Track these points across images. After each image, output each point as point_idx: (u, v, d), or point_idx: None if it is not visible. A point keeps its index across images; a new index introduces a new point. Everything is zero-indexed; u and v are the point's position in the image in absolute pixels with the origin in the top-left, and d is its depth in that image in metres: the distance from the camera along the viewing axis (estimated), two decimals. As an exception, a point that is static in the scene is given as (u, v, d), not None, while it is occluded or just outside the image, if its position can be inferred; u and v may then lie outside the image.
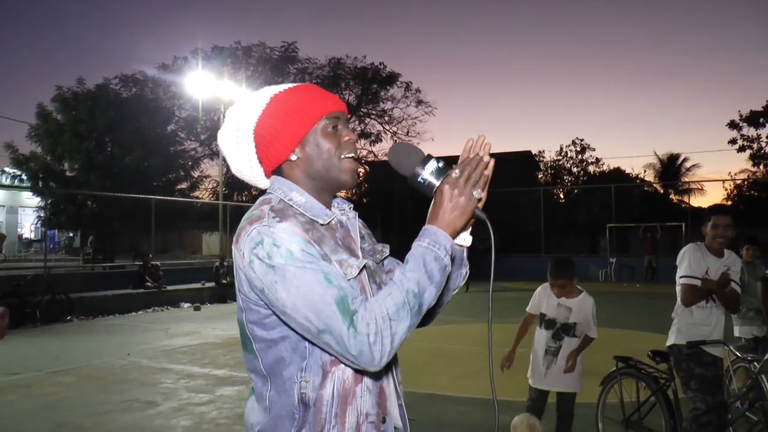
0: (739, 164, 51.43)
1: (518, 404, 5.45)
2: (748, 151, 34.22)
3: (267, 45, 34.12)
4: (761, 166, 34.43)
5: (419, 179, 1.68)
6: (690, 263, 4.75)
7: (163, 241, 39.74)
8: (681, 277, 4.76)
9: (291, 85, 1.82)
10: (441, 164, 1.68)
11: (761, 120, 33.44)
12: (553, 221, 30.57)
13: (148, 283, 17.75)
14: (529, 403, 5.12)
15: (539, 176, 41.50)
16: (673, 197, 38.31)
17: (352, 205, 1.93)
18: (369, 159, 35.87)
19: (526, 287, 9.09)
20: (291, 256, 1.54)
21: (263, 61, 33.78)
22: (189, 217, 30.95)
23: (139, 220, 23.68)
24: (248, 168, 1.83)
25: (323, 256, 1.59)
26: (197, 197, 31.64)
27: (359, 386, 1.68)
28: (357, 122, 36.68)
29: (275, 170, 1.81)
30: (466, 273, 1.90)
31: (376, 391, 1.72)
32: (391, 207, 33.39)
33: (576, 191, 38.28)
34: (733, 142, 34.49)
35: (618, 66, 79.69)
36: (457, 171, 1.65)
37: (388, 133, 37.12)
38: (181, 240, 44.78)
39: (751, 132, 34.08)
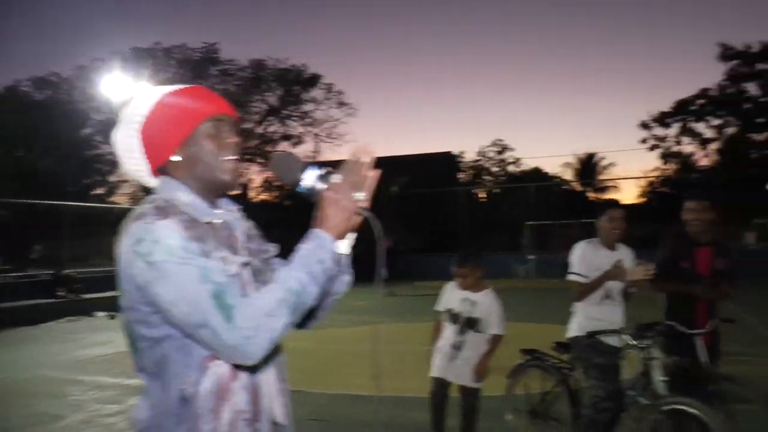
0: (652, 162, 54.03)
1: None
2: (659, 150, 35.53)
3: (188, 46, 33.53)
4: (670, 164, 35.79)
5: (302, 187, 1.75)
6: (579, 260, 4.93)
7: (81, 249, 38.45)
8: (568, 273, 4.95)
9: (179, 86, 1.84)
10: (322, 171, 1.75)
11: (669, 120, 34.78)
12: (474, 220, 31.05)
13: (60, 293, 17.12)
14: (431, 395, 5.16)
15: (460, 176, 42.07)
16: (591, 195, 39.46)
17: (239, 207, 1.96)
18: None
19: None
20: (170, 252, 1.57)
21: (184, 63, 33.16)
22: (107, 224, 30.07)
23: (54, 228, 22.87)
24: (137, 167, 1.85)
25: (203, 253, 1.62)
26: (114, 202, 30.78)
27: (235, 383, 1.71)
28: (279, 124, 36.39)
29: (162, 170, 1.83)
30: (349, 280, 1.96)
31: (252, 388, 1.75)
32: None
33: (497, 190, 39.02)
34: (644, 141, 35.76)
35: (536, 68, 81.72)
36: (338, 176, 1.72)
37: (310, 134, 36.98)
38: (99, 247, 43.47)
39: (660, 132, 35.40)
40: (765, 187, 29.10)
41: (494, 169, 42.89)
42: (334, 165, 1.77)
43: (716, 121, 33.99)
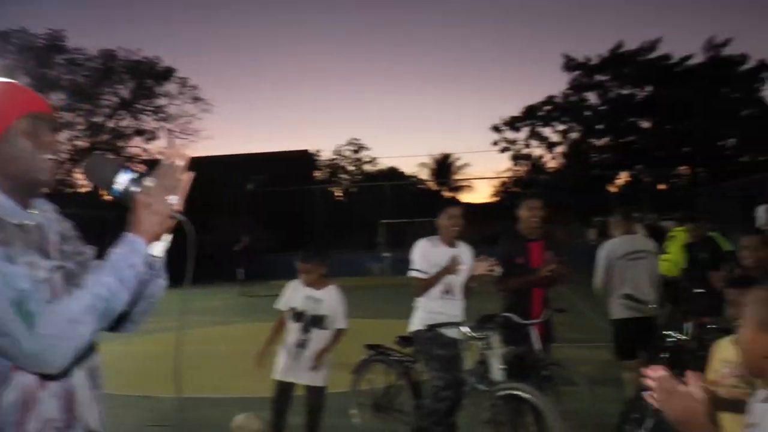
0: (504, 164, 56.68)
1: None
2: (510, 152, 37.27)
3: (29, 31, 31.31)
4: (520, 165, 37.62)
5: (114, 191, 1.70)
6: (419, 257, 5.08)
7: None
8: (409, 270, 5.07)
9: None
10: (135, 174, 1.71)
11: (518, 124, 36.56)
12: (331, 219, 31.19)
13: None
14: (274, 398, 5.08)
15: (317, 175, 42.13)
16: (446, 194, 40.69)
17: (54, 207, 1.89)
18: (144, 158, 34.24)
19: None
20: None
21: (25, 49, 30.91)
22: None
23: None
24: None
25: (7, 258, 1.54)
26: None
27: (43, 392, 1.64)
28: (131, 118, 34.86)
29: None
30: (164, 284, 1.91)
31: (63, 396, 1.69)
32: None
33: (353, 189, 39.39)
34: (495, 143, 37.37)
35: (395, 69, 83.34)
36: (151, 179, 1.68)
37: (164, 130, 35.66)
38: None
39: (511, 135, 37.13)
40: (605, 188, 31.18)
41: (350, 168, 43.31)
42: (149, 168, 1.73)
43: (561, 127, 36.09)
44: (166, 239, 1.76)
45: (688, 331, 4.50)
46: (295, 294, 5.12)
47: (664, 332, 4.41)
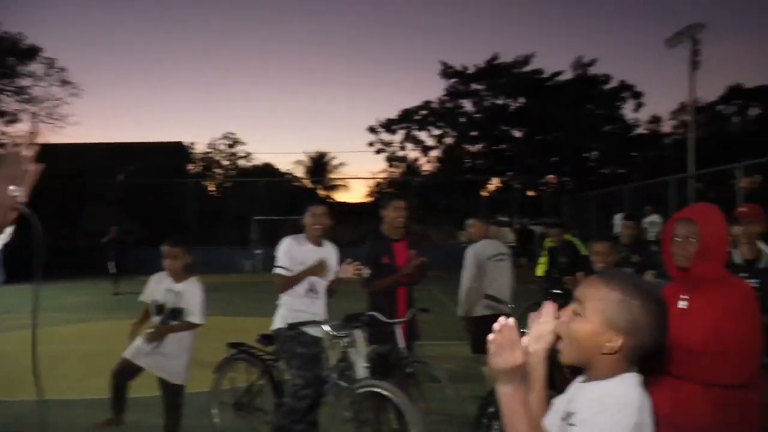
0: (380, 164, 57.17)
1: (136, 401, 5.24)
2: (385, 154, 37.76)
3: None
4: (396, 167, 38.16)
5: None
6: (284, 254, 5.01)
7: None
8: (274, 267, 5.00)
9: None
10: None
11: (395, 127, 37.11)
12: (203, 213, 30.44)
13: None
14: (116, 372, 4.91)
15: (191, 168, 41.02)
16: (321, 192, 40.67)
17: None
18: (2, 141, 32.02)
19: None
20: None
21: None
22: None
23: None
24: None
25: None
26: None
27: None
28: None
29: None
30: (1, 280, 1.78)
31: None
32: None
33: (227, 184, 38.66)
34: (371, 144, 37.75)
35: (273, 64, 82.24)
36: None
37: (27, 113, 33.49)
38: None
39: (387, 137, 37.62)
40: (478, 192, 32.12)
41: (225, 162, 42.44)
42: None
43: (436, 131, 36.91)
44: (7, 232, 1.65)
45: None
46: (157, 286, 4.98)
47: (521, 329, 4.55)
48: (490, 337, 1.62)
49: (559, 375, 4.30)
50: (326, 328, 4.81)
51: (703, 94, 36.25)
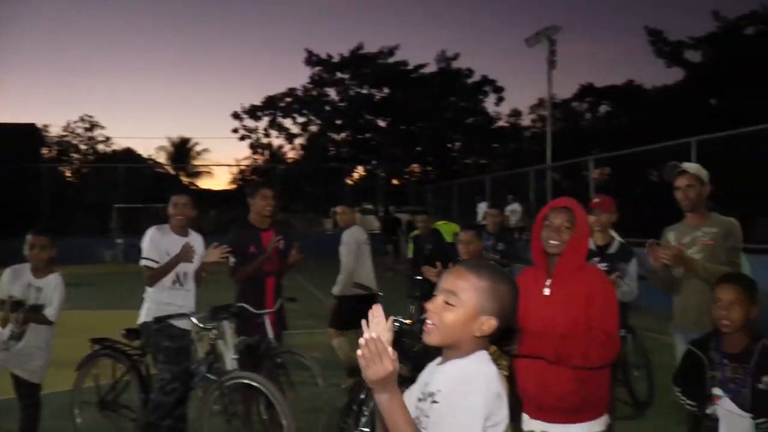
0: (245, 152, 55.90)
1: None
2: (249, 141, 37.14)
3: None
4: (260, 154, 37.67)
5: None
6: (149, 245, 4.87)
7: None
8: (141, 258, 4.88)
9: None
10: None
11: (259, 113, 36.57)
12: (59, 200, 28.85)
13: None
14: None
15: (45, 152, 38.64)
16: (184, 179, 39.56)
17: None
18: None
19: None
20: None
21: None
22: None
23: None
24: None
25: None
26: None
27: None
28: None
29: None
30: None
31: None
32: None
33: (85, 170, 36.77)
34: (235, 131, 37.03)
35: (133, 46, 78.55)
36: None
37: None
38: None
39: (251, 123, 37.03)
40: (342, 180, 32.33)
41: (83, 146, 40.31)
42: None
43: (301, 119, 36.73)
44: None
45: (411, 315, 4.90)
46: (14, 281, 4.66)
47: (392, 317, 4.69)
48: (358, 352, 1.67)
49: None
50: (194, 320, 4.76)
51: (559, 91, 38.30)
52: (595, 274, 2.95)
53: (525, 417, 3.01)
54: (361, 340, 1.66)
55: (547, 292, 2.94)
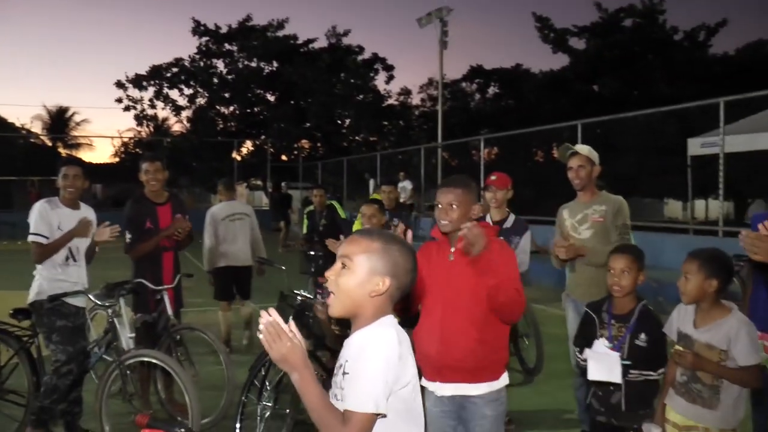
0: (128, 123, 53.21)
1: None
2: (133, 112, 35.61)
3: None
4: (145, 126, 36.23)
5: None
6: (38, 220, 4.58)
7: None
8: (29, 234, 4.59)
9: None
10: None
11: (145, 83, 35.11)
12: None
13: None
14: None
15: None
16: (62, 150, 37.65)
17: None
18: None
19: None
20: None
21: None
22: None
23: None
24: None
25: None
26: None
27: None
28: None
29: None
30: None
31: None
32: None
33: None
34: (119, 101, 35.44)
35: (5, 4, 73.35)
36: None
37: None
38: None
39: (135, 94, 35.53)
40: (231, 155, 31.69)
41: (-52, 114, 37.46)
42: None
43: (189, 91, 35.56)
44: None
45: (309, 289, 4.92)
46: None
47: (294, 291, 4.68)
48: (260, 336, 1.78)
49: (329, 335, 4.57)
50: (91, 297, 4.58)
51: (449, 71, 38.93)
52: (494, 243, 3.07)
53: (422, 381, 3.10)
54: (261, 325, 1.76)
55: (451, 258, 3.08)
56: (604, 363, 3.25)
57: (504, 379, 3.13)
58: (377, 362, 1.80)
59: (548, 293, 9.02)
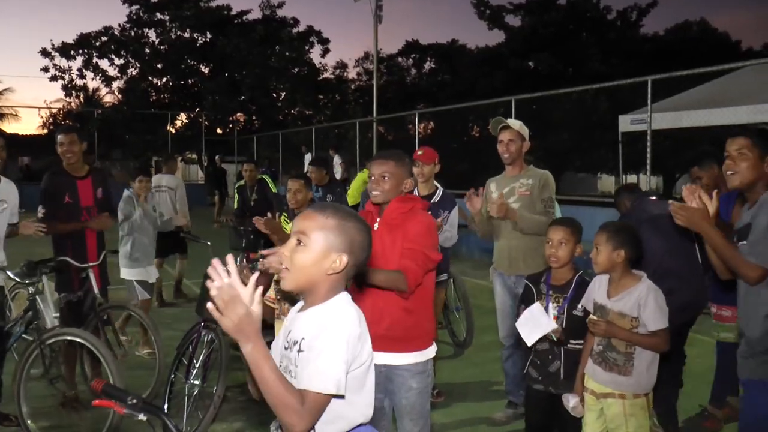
0: (56, 93, 51.33)
1: None
2: (61, 82, 34.33)
3: None
4: (74, 97, 35.02)
5: None
6: None
7: None
8: None
9: None
10: None
11: (73, 52, 33.83)
12: None
13: None
14: None
15: None
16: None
17: None
18: None
19: None
20: None
21: None
22: None
23: None
24: None
25: None
26: None
27: None
28: None
29: None
30: None
31: None
32: None
33: None
34: (45, 70, 34.10)
35: None
36: None
37: None
38: None
39: (63, 63, 34.22)
40: (164, 127, 30.93)
41: None
42: None
43: (119, 61, 34.44)
44: None
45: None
46: None
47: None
48: (209, 305, 1.61)
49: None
50: (10, 274, 4.40)
51: (385, 46, 38.78)
52: (417, 214, 3.14)
53: None
54: (213, 290, 1.60)
55: (376, 227, 3.12)
56: (534, 320, 3.43)
57: (431, 351, 3.18)
58: (339, 342, 1.75)
59: (477, 266, 9.14)
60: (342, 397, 1.75)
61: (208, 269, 1.61)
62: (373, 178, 3.12)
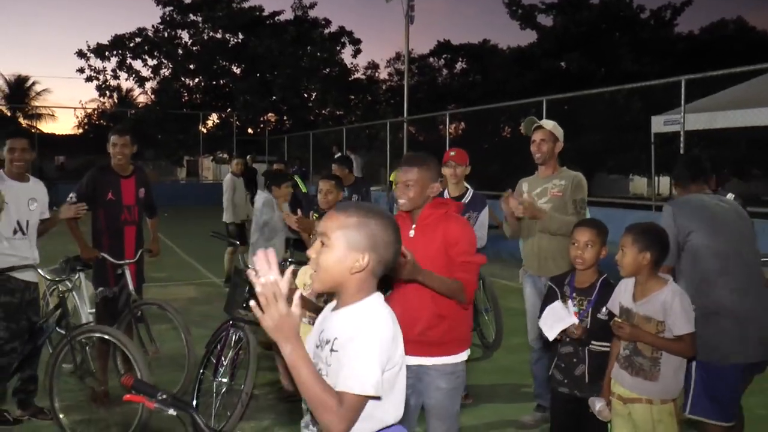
0: (91, 94, 52.02)
1: None
2: (96, 82, 34.85)
3: None
4: (108, 97, 35.52)
5: None
6: None
7: None
8: None
9: None
10: None
11: (107, 53, 34.32)
12: None
13: None
14: None
15: None
16: (22, 121, 36.82)
17: None
18: None
19: None
20: None
21: None
22: None
23: None
24: None
25: None
26: None
27: None
28: None
29: None
30: None
31: None
32: None
33: None
34: (81, 71, 34.65)
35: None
36: None
37: None
38: None
39: (98, 64, 34.75)
40: (196, 128, 31.22)
41: None
42: None
43: (153, 62, 34.87)
44: None
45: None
46: None
47: (250, 266, 4.60)
48: (252, 303, 1.63)
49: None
50: (41, 272, 4.45)
51: (416, 46, 38.77)
52: (453, 220, 3.12)
53: None
54: (258, 286, 1.61)
55: (411, 233, 3.10)
56: (556, 315, 3.40)
57: (464, 354, 3.16)
58: (374, 344, 1.74)
59: (507, 268, 9.09)
60: (379, 398, 1.74)
61: (254, 259, 1.62)
62: (398, 184, 3.12)
